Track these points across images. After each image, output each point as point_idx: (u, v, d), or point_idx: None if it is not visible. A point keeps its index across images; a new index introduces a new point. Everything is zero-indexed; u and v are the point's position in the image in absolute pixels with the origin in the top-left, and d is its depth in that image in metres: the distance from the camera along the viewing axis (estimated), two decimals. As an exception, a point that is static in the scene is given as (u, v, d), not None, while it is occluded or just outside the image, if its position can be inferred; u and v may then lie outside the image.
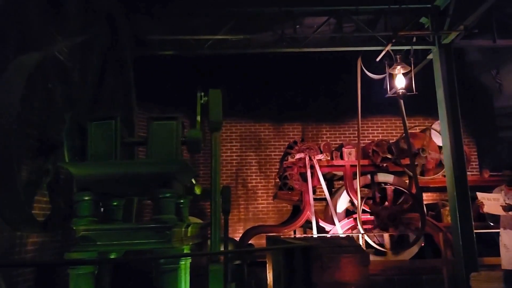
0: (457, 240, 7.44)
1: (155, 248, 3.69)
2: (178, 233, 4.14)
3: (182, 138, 4.28)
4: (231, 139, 11.81)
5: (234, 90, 11.72)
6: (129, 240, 3.72)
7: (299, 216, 8.49)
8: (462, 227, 7.40)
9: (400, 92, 7.42)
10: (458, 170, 7.60)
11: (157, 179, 3.88)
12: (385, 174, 8.78)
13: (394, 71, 7.48)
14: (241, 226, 11.17)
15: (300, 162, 8.54)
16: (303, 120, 11.97)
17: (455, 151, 7.66)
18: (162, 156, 4.06)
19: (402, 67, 7.37)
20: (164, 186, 3.86)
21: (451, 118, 7.82)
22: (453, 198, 7.55)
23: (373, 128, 12.10)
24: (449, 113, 7.84)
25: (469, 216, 7.43)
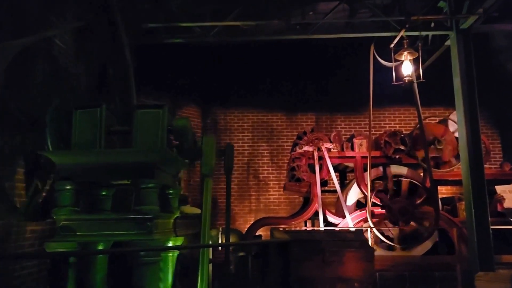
0: (472, 236, 7.07)
1: (135, 240, 3.58)
2: (163, 224, 4.01)
3: (168, 127, 4.12)
4: (242, 129, 11.63)
5: (246, 79, 11.56)
6: (109, 231, 3.63)
7: (307, 208, 8.27)
8: (478, 222, 7.02)
9: (406, 79, 7.04)
10: (474, 163, 7.20)
11: (139, 168, 3.76)
12: (398, 166, 8.43)
13: (401, 57, 7.09)
14: (252, 217, 11.02)
15: (309, 153, 8.29)
16: (317, 110, 11.67)
17: (471, 143, 7.25)
18: (147, 145, 3.92)
19: (409, 53, 6.97)
20: (146, 175, 3.73)
21: (468, 108, 7.40)
22: (469, 192, 7.16)
23: (390, 119, 11.68)
24: (466, 103, 7.42)
25: (486, 211, 7.04)
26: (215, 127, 11.66)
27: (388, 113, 11.71)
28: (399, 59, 7.08)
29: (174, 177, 4.55)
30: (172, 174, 4.48)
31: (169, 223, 4.28)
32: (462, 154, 7.41)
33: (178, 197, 4.55)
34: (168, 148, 4.03)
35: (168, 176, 4.37)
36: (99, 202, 4.27)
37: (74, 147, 3.90)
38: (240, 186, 11.39)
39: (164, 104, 4.13)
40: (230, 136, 11.58)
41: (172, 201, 4.41)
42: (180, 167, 4.63)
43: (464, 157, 7.32)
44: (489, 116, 11.64)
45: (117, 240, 3.78)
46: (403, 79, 7.05)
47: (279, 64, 11.43)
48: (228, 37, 8.00)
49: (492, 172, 8.38)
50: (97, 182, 4.13)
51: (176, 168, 4.55)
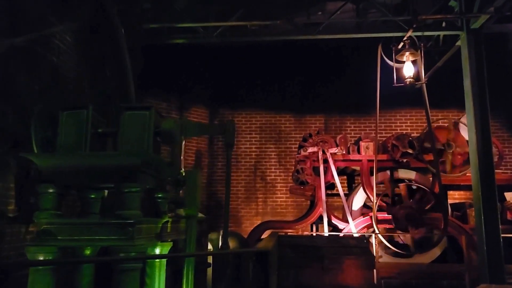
0: (482, 245, 6.78)
1: (116, 246, 3.48)
2: (148, 229, 3.91)
3: (155, 129, 4.02)
4: (250, 130, 11.51)
5: (254, 80, 11.44)
6: (90, 235, 3.53)
7: (311, 212, 8.10)
8: (487, 230, 6.73)
9: (408, 81, 6.80)
10: (484, 168, 6.91)
11: (123, 172, 3.66)
12: (406, 171, 8.20)
13: (402, 58, 6.85)
14: (259, 220, 10.87)
15: (313, 155, 8.12)
16: (326, 112, 11.46)
17: (482, 147, 6.97)
18: (132, 148, 3.83)
19: (411, 54, 6.73)
20: (129, 179, 3.63)
21: (479, 111, 7.11)
22: (478, 198, 6.88)
23: (401, 121, 11.39)
24: (476, 105, 7.14)
25: (496, 218, 6.75)
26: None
27: (399, 115, 11.42)
28: (401, 60, 6.84)
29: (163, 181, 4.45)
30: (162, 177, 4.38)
31: (156, 228, 4.17)
32: (472, 159, 7.13)
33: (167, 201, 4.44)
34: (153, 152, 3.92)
35: (157, 180, 4.27)
36: (88, 205, 4.20)
37: (59, 150, 3.83)
38: (247, 188, 11.27)
39: (151, 106, 4.03)
40: (238, 138, 11.45)
41: (160, 205, 4.31)
42: (170, 171, 4.52)
43: (474, 161, 7.04)
44: (505, 119, 11.24)
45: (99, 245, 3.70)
46: (404, 80, 6.80)
47: (288, 65, 11.27)
48: (232, 38, 7.88)
49: (506, 177, 8.06)
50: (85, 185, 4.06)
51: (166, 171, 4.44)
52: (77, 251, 3.94)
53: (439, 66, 9.24)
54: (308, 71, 11.27)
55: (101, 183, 3.96)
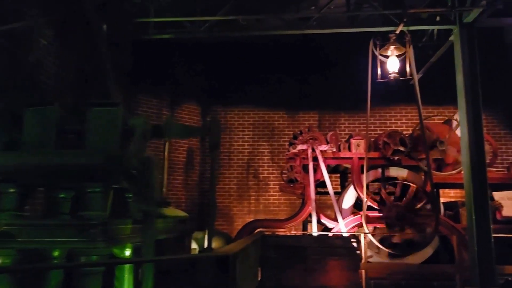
0: (473, 245, 6.61)
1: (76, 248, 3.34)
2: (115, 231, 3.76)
3: (124, 126, 3.87)
4: (243, 127, 11.35)
5: (247, 76, 11.26)
6: (51, 237, 3.39)
7: (301, 211, 7.94)
8: (479, 229, 6.55)
9: (392, 76, 6.61)
10: (476, 166, 6.72)
11: (88, 171, 3.51)
12: (398, 169, 8.01)
13: (387, 52, 6.66)
14: (251, 218, 10.68)
15: (303, 153, 7.95)
16: (319, 108, 11.28)
17: (474, 144, 6.78)
18: (98, 146, 3.68)
19: (395, 48, 6.54)
20: (93, 179, 3.48)
21: (471, 107, 6.92)
22: (470, 197, 6.70)
23: (396, 118, 11.20)
24: (469, 101, 6.94)
25: (487, 218, 6.57)
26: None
27: (394, 111, 11.23)
28: (386, 55, 6.65)
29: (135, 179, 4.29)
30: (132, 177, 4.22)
31: (126, 229, 4.02)
32: (463, 156, 6.95)
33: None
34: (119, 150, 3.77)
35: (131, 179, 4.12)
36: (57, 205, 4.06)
37: (23, 147, 3.69)
38: (239, 186, 11.12)
39: (119, 102, 3.88)
40: (230, 135, 11.32)
41: (131, 205, 4.16)
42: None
43: (466, 159, 6.85)
44: (503, 116, 11.03)
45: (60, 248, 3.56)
46: (388, 75, 6.61)
47: (282, 61, 11.09)
48: (220, 33, 7.71)
49: (499, 176, 7.86)
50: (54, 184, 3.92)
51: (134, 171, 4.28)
52: (44, 253, 3.81)
53: (433, 62, 9.04)
54: (302, 67, 11.07)
55: (67, 182, 3.81)
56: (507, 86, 10.86)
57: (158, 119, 10.54)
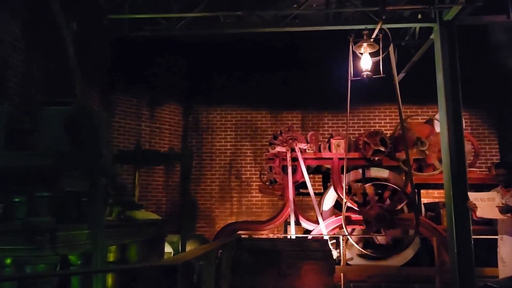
0: (452, 246, 6.48)
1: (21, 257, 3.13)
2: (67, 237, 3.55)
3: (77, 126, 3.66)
4: (225, 127, 11.16)
5: (230, 75, 11.09)
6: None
7: (280, 213, 7.77)
8: (459, 231, 6.42)
9: (365, 74, 6.46)
10: (456, 166, 6.59)
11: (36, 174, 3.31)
12: (379, 169, 7.88)
13: (360, 50, 6.51)
14: (234, 220, 10.53)
15: (282, 154, 7.78)
16: (303, 108, 11.13)
17: (454, 144, 6.65)
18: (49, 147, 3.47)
19: (369, 46, 6.39)
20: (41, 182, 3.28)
21: (451, 107, 6.79)
22: (449, 197, 6.57)
23: (380, 118, 11.09)
24: (449, 101, 6.81)
25: (467, 219, 6.42)
26: (197, 125, 11.21)
27: (378, 111, 11.12)
28: (358, 52, 6.50)
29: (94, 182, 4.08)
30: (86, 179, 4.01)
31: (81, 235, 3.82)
32: (443, 156, 6.82)
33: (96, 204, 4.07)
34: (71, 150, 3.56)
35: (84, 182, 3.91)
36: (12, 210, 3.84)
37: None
38: (221, 187, 10.93)
39: (73, 101, 3.67)
40: (212, 135, 11.14)
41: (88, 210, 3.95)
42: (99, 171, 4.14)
43: (446, 159, 6.72)
44: (487, 116, 10.96)
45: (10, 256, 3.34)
46: (361, 74, 6.46)
47: (265, 60, 10.92)
48: (197, 30, 7.51)
49: (480, 176, 7.75)
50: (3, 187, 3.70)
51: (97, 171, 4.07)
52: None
53: (416, 61, 8.92)
54: (285, 66, 10.90)
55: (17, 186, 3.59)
56: (491, 86, 10.80)
57: (138, 118, 10.34)
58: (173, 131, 10.92)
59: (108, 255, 5.51)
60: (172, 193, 10.68)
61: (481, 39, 10.94)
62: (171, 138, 10.86)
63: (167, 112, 10.87)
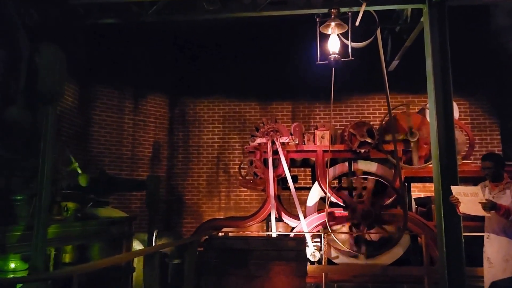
0: (441, 244, 6.01)
1: None
2: None
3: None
4: (213, 120, 10.75)
5: (217, 65, 10.66)
6: None
7: (261, 209, 7.36)
8: (448, 228, 5.95)
9: (332, 57, 5.98)
10: (446, 158, 6.10)
11: None
12: (366, 162, 7.41)
13: (327, 30, 6.01)
14: (222, 215, 10.17)
15: (264, 146, 7.35)
16: (294, 99, 10.67)
17: (443, 134, 6.15)
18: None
19: (337, 26, 5.88)
20: None
21: (441, 95, 6.28)
22: (438, 192, 6.08)
23: (375, 108, 10.59)
24: (438, 88, 6.30)
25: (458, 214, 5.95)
26: (184, 118, 10.81)
27: (373, 101, 10.62)
28: (325, 32, 6.00)
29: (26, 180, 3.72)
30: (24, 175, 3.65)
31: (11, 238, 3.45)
32: (433, 148, 6.32)
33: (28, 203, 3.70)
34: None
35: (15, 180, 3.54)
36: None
37: None
38: (209, 181, 10.55)
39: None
40: (200, 128, 10.74)
41: (18, 209, 3.58)
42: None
43: (435, 151, 6.23)
44: (487, 105, 10.38)
45: None
46: (328, 57, 5.97)
47: (252, 48, 10.48)
48: (169, 16, 7.07)
49: (475, 169, 7.23)
50: None
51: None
52: None
53: (408, 47, 8.40)
54: (273, 54, 10.43)
55: None
56: (492, 73, 10.24)
57: (120, 111, 9.98)
58: (158, 124, 10.54)
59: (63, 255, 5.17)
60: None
61: (482, 23, 10.38)
62: (156, 131, 10.48)
63: (152, 105, 10.50)
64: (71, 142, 8.71)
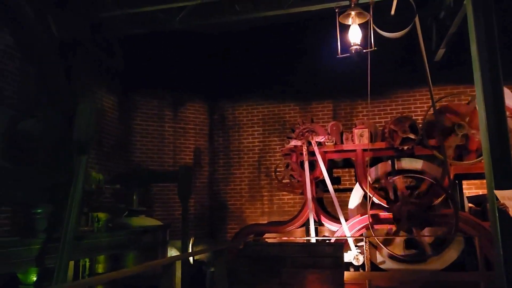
0: (498, 247, 5.43)
1: None
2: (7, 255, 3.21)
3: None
4: (252, 123, 10.60)
5: (254, 68, 10.51)
6: None
7: (299, 214, 7.09)
8: (504, 229, 5.37)
9: (353, 49, 5.54)
10: (498, 152, 5.52)
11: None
12: (411, 160, 6.92)
13: (346, 20, 5.58)
14: (265, 220, 9.97)
15: (300, 148, 7.09)
16: (334, 97, 10.26)
17: (493, 126, 5.58)
18: None
19: (357, 15, 5.45)
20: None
21: (490, 83, 5.70)
22: (491, 189, 5.51)
23: (422, 101, 9.92)
24: (485, 75, 5.72)
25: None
26: (223, 122, 10.76)
27: (419, 94, 9.95)
28: (344, 22, 5.59)
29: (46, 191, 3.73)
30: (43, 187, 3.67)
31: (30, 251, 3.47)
32: (483, 142, 5.74)
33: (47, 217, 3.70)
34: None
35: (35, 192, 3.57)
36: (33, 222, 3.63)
37: None
38: (251, 186, 10.40)
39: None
40: (239, 132, 10.63)
41: (37, 222, 3.60)
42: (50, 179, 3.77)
43: (485, 144, 5.66)
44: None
45: None
46: (349, 48, 5.56)
47: (288, 48, 10.23)
48: (198, 21, 7.02)
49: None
50: None
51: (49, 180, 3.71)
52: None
53: (453, 33, 7.78)
54: (311, 53, 10.11)
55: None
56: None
57: (160, 119, 10.10)
58: (198, 131, 10.56)
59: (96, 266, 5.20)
60: (200, 194, 10.33)
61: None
62: (196, 138, 10.51)
63: (191, 111, 10.54)
64: (113, 153, 8.90)
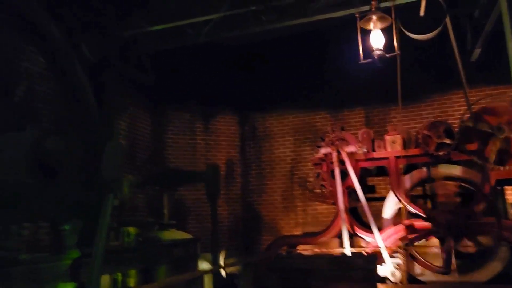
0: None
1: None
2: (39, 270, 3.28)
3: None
4: (283, 133, 10.50)
5: (283, 77, 10.45)
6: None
7: (331, 224, 6.91)
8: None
9: (376, 54, 5.31)
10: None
11: None
12: (448, 166, 6.61)
13: (367, 25, 5.37)
14: (299, 231, 9.80)
15: (330, 157, 6.93)
16: (365, 104, 10.01)
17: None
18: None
19: (379, 19, 5.23)
20: None
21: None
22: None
23: (460, 104, 9.48)
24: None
25: None
26: (254, 133, 10.73)
27: (456, 97, 9.53)
28: (367, 28, 5.39)
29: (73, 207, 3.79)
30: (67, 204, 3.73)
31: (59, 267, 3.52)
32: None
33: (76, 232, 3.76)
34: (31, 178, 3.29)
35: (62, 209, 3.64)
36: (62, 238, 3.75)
37: None
38: (284, 196, 10.27)
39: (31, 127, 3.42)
40: (271, 142, 10.56)
41: (67, 239, 3.65)
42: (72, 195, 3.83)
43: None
44: None
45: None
46: (372, 53, 5.34)
47: (317, 56, 10.09)
48: (223, 33, 7.04)
49: None
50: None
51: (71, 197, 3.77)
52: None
53: (489, 31, 7.42)
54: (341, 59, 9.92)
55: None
56: None
57: (192, 132, 10.20)
58: (230, 142, 10.58)
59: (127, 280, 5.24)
60: (234, 205, 10.32)
61: None
62: (228, 150, 10.53)
63: (222, 123, 10.58)
64: (146, 167, 9.05)
